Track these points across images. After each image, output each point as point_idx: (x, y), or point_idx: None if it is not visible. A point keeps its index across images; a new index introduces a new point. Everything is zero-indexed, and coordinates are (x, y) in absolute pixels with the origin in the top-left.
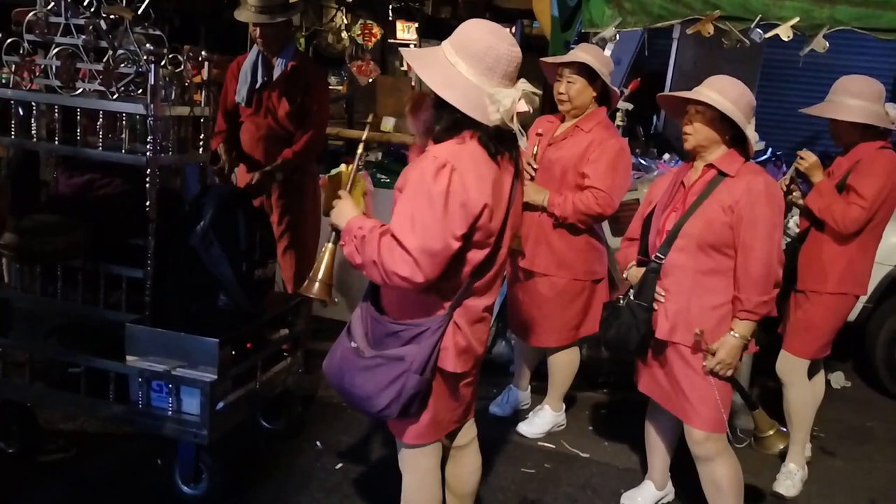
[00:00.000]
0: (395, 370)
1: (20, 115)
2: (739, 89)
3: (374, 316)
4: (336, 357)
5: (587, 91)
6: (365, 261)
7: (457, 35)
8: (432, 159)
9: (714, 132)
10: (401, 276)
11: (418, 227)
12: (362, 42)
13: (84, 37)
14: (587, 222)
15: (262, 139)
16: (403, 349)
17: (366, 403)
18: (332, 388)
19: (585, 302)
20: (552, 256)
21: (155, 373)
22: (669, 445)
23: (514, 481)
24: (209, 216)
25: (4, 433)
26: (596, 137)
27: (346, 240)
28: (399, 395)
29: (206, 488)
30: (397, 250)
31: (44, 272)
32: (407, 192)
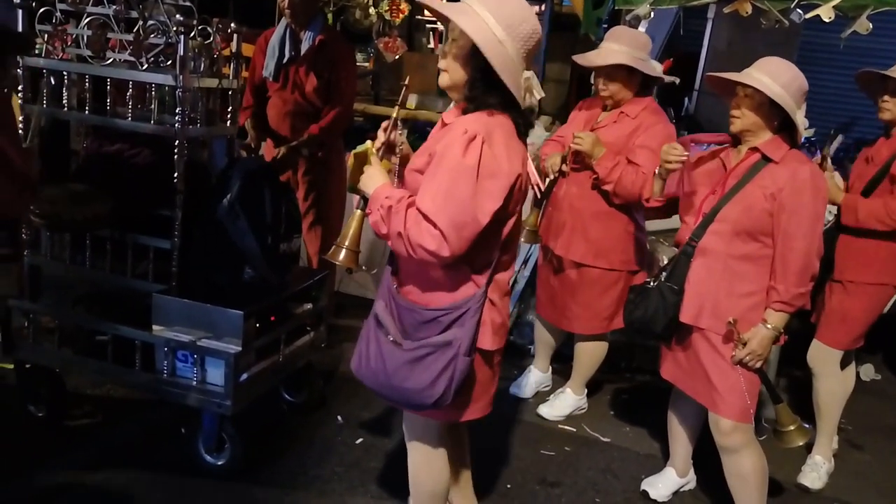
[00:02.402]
0: (445, 356)
1: (51, 84)
2: (792, 73)
3: (406, 305)
4: (371, 356)
5: (626, 89)
6: (391, 231)
7: (504, 10)
8: (462, 132)
9: (761, 118)
10: (427, 249)
11: (447, 201)
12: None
13: (115, 7)
14: (623, 197)
15: (289, 114)
16: (448, 333)
17: (420, 396)
18: (372, 388)
19: (620, 293)
20: (588, 245)
21: (180, 343)
22: (692, 433)
23: (534, 463)
24: (236, 189)
25: (34, 397)
26: (643, 122)
27: (372, 208)
28: (451, 380)
29: (227, 458)
30: (424, 224)
31: (73, 240)
32: (436, 165)
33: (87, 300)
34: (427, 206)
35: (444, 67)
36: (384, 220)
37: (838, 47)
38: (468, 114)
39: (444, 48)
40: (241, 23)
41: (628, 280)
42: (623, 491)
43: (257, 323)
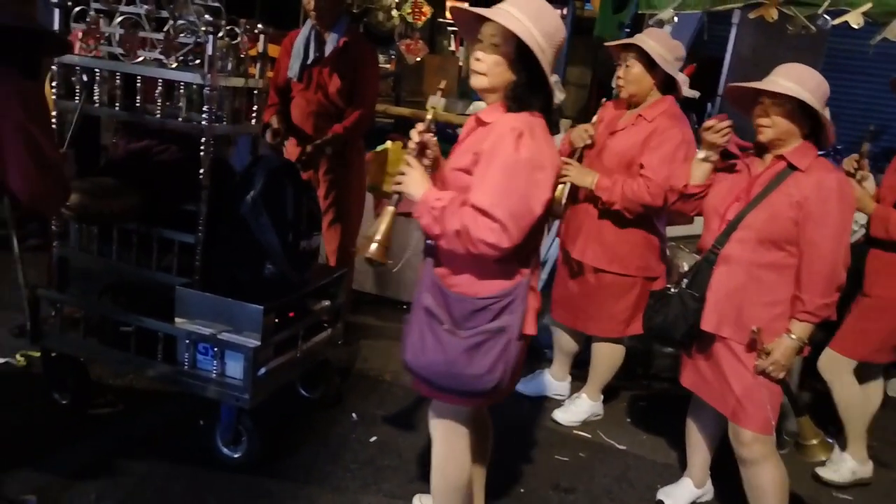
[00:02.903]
0: (500, 342)
1: (84, 80)
2: (817, 78)
3: (456, 296)
4: (428, 346)
5: (646, 78)
6: (446, 231)
7: (542, 18)
8: (511, 129)
9: (794, 125)
10: (487, 242)
11: (505, 194)
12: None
13: (147, 6)
14: (635, 210)
15: (312, 114)
16: (501, 320)
17: (481, 381)
18: (428, 379)
19: (636, 299)
20: (602, 250)
21: (202, 335)
22: (711, 443)
23: (548, 468)
24: (259, 186)
25: (59, 385)
26: (659, 126)
27: (421, 211)
28: (507, 365)
29: (244, 451)
30: (481, 219)
31: (101, 233)
32: (487, 162)
33: (112, 291)
34: (484, 201)
35: (482, 70)
36: (437, 220)
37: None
38: (511, 113)
39: (480, 53)
40: (267, 24)
41: (645, 286)
42: (638, 500)
43: (276, 318)
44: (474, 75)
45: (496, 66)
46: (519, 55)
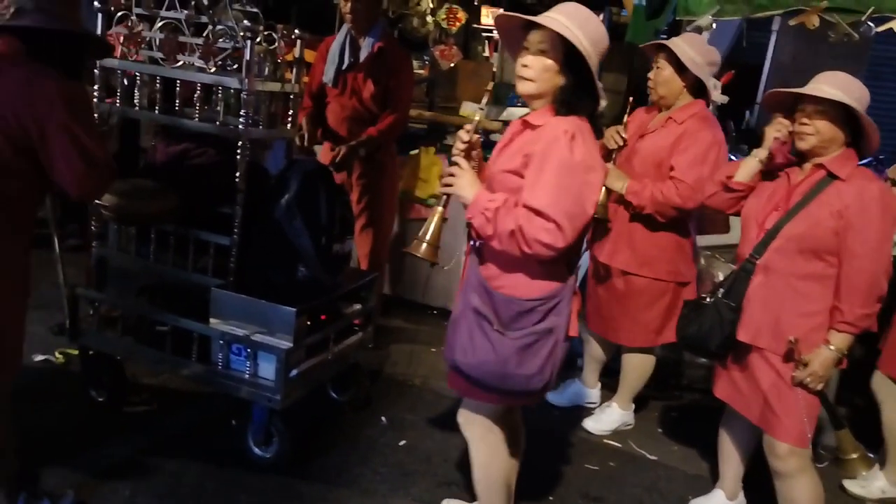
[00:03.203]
0: (548, 343)
1: (125, 84)
2: (860, 87)
3: (503, 298)
4: (478, 346)
5: (675, 81)
6: (500, 232)
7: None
8: (563, 132)
9: (839, 132)
10: (543, 242)
11: (560, 195)
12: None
13: (187, 11)
14: (666, 214)
15: (347, 120)
16: (548, 321)
17: (531, 381)
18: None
19: (668, 305)
20: (633, 253)
21: (235, 336)
22: (744, 455)
23: (577, 477)
24: (293, 190)
25: (96, 383)
26: (689, 129)
27: (473, 213)
28: (553, 367)
29: (275, 452)
30: (536, 219)
31: (139, 233)
32: (540, 164)
33: (149, 291)
34: (539, 202)
35: (530, 76)
36: (490, 221)
37: None
38: (560, 116)
39: (528, 59)
40: (303, 29)
41: (676, 293)
42: None
43: (309, 321)
44: (521, 81)
45: (544, 71)
46: (566, 60)
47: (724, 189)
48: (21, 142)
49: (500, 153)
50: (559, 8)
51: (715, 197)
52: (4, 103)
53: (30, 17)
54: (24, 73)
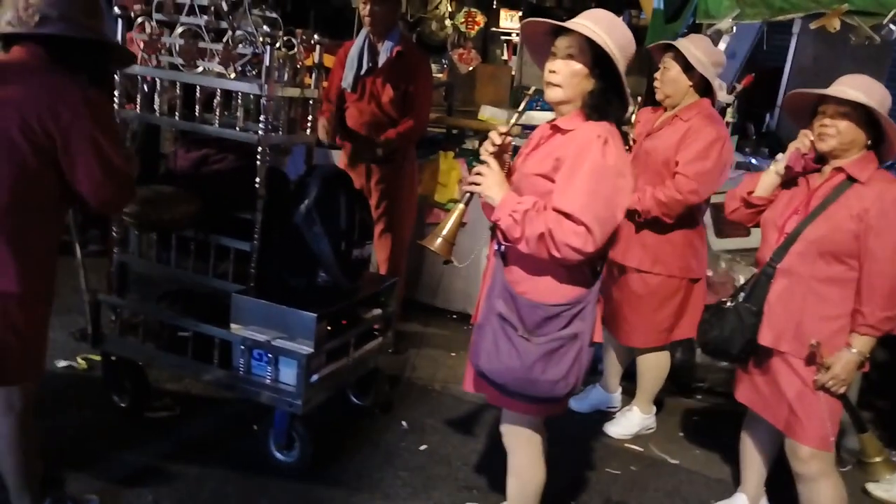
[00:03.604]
0: (574, 348)
1: (145, 90)
2: (882, 90)
3: (529, 303)
4: (503, 352)
5: (681, 79)
6: (528, 234)
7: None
8: (597, 136)
9: (862, 134)
10: (573, 246)
11: (592, 199)
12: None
13: (206, 17)
14: (672, 214)
15: (366, 125)
16: (573, 327)
17: (556, 387)
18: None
19: (680, 303)
20: (644, 251)
21: (256, 342)
22: (766, 459)
23: (599, 481)
24: (313, 196)
25: (118, 388)
26: (694, 125)
27: (500, 214)
28: (579, 372)
29: (296, 456)
30: (567, 223)
31: (159, 239)
32: (572, 168)
33: (170, 297)
34: (570, 205)
35: (558, 82)
36: (518, 224)
37: None
38: (591, 121)
39: (556, 64)
40: (322, 34)
41: (689, 289)
42: None
43: (329, 326)
44: (549, 87)
45: (573, 76)
46: (594, 65)
47: (745, 205)
48: (45, 150)
49: (527, 157)
50: (586, 14)
51: (737, 212)
52: (29, 111)
53: (53, 25)
54: (49, 81)
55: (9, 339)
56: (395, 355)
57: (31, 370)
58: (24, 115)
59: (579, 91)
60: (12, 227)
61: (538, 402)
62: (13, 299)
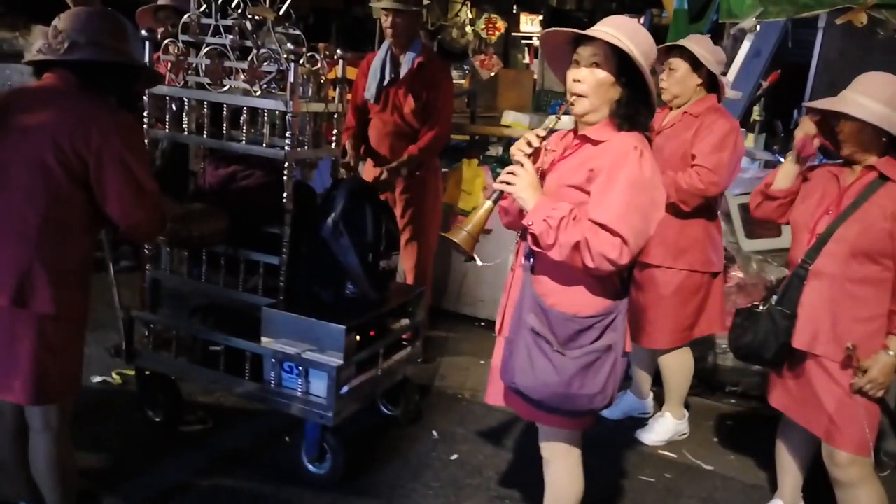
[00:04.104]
0: (609, 360)
1: (173, 110)
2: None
3: (561, 316)
4: (538, 367)
5: (690, 78)
6: (562, 242)
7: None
8: (633, 148)
9: (868, 139)
10: (608, 257)
11: (629, 211)
12: (486, 36)
13: (231, 37)
14: (690, 202)
15: (389, 135)
16: (607, 338)
17: (594, 400)
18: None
19: (702, 299)
20: (666, 247)
21: (287, 355)
22: (803, 464)
23: (632, 489)
24: (339, 209)
25: (152, 403)
26: (706, 119)
27: (534, 219)
28: (615, 384)
29: (328, 468)
30: (602, 233)
31: (190, 255)
32: (608, 179)
33: (201, 312)
34: (607, 216)
35: (583, 92)
36: (552, 230)
37: None
38: (623, 131)
39: (580, 73)
40: (345, 46)
41: (710, 285)
42: None
43: (358, 337)
44: (575, 100)
45: (599, 85)
46: (620, 73)
47: (766, 198)
48: (77, 173)
49: (555, 166)
50: (607, 21)
51: (761, 207)
52: (61, 136)
53: (82, 50)
54: (79, 105)
55: (46, 358)
56: (424, 364)
57: (68, 389)
58: (56, 139)
59: (606, 100)
60: (47, 250)
61: (575, 416)
62: (49, 320)
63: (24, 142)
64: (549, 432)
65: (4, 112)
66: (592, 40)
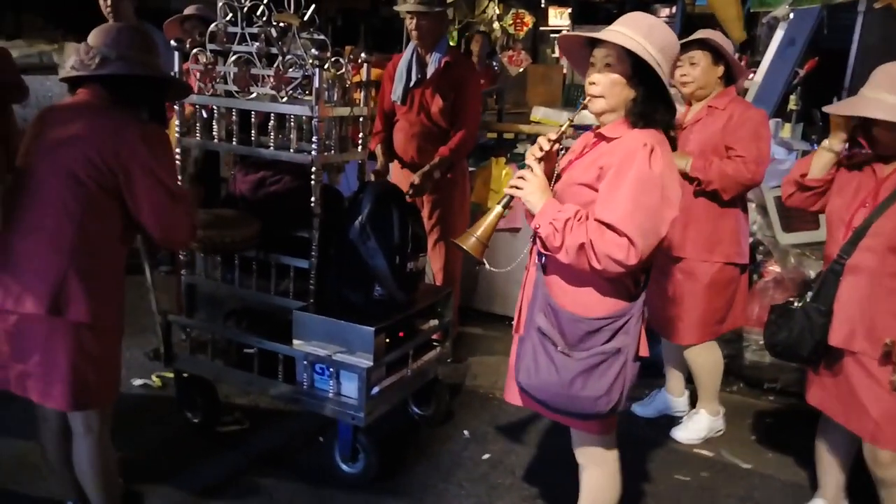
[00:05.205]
0: (617, 363)
1: (203, 118)
2: None
3: (570, 317)
4: (542, 368)
5: (712, 71)
6: (568, 244)
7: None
8: (643, 145)
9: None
10: (614, 258)
11: (636, 210)
12: (514, 32)
13: (257, 44)
14: (732, 190)
15: (416, 136)
16: (616, 341)
17: (597, 404)
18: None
19: (734, 292)
20: (702, 239)
21: (318, 357)
22: (844, 463)
23: (668, 488)
24: (366, 212)
25: (190, 405)
26: (734, 111)
27: (541, 222)
28: (623, 387)
29: (361, 468)
30: (608, 234)
31: (223, 260)
32: (616, 177)
33: (236, 315)
34: (612, 216)
35: (598, 93)
36: (558, 232)
37: None
38: (637, 129)
39: (595, 76)
40: (372, 48)
41: (739, 278)
42: None
43: (387, 338)
44: (591, 99)
45: (613, 86)
46: (634, 72)
47: (800, 188)
48: (109, 185)
49: (572, 165)
50: (622, 20)
51: (794, 197)
52: (92, 149)
53: (113, 65)
54: (109, 119)
55: (84, 366)
56: (455, 363)
57: (107, 394)
58: (87, 153)
59: (622, 100)
60: (81, 260)
61: (584, 418)
62: (85, 328)
63: (58, 156)
64: (579, 437)
65: (40, 129)
66: (605, 42)
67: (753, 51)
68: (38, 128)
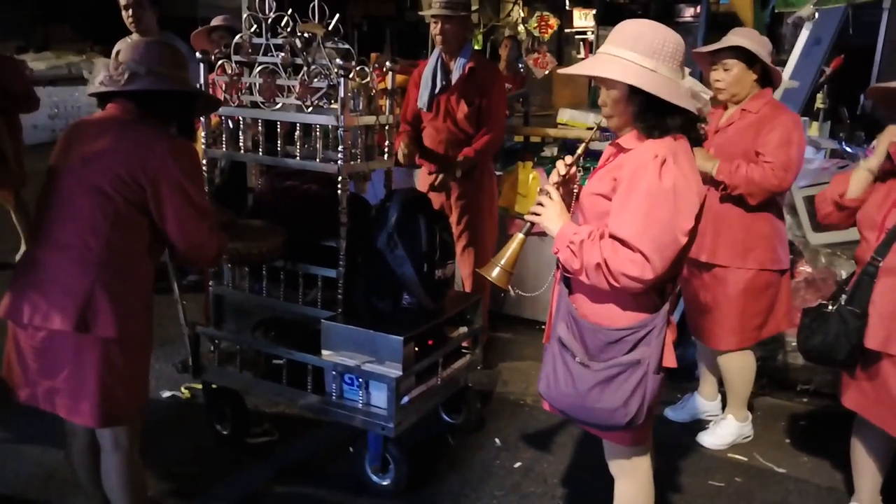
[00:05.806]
0: (635, 375)
1: (230, 129)
2: None
3: (590, 327)
4: (560, 378)
5: (747, 75)
6: (586, 265)
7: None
8: (653, 157)
9: None
10: (630, 276)
11: (649, 224)
12: (539, 35)
13: (282, 55)
14: (757, 195)
15: (443, 143)
16: (637, 352)
17: (614, 416)
18: (563, 410)
19: (772, 297)
20: (735, 245)
21: (347, 367)
22: (881, 466)
23: (702, 494)
24: (393, 220)
25: (219, 416)
26: (767, 115)
27: (559, 246)
28: (643, 399)
29: (392, 478)
30: (622, 250)
31: (251, 271)
32: (628, 191)
33: (264, 326)
34: (625, 231)
35: (608, 114)
36: (576, 254)
37: None
38: (652, 139)
39: (601, 96)
40: (398, 53)
41: (779, 282)
42: None
43: (416, 347)
44: (605, 119)
45: (616, 104)
46: (631, 90)
47: (837, 208)
48: (136, 200)
49: (593, 175)
50: (609, 37)
51: (832, 216)
52: (119, 164)
53: (141, 80)
54: (137, 134)
55: (112, 381)
56: (486, 370)
57: (135, 410)
58: (115, 168)
59: (629, 115)
60: (108, 275)
61: (604, 429)
62: (113, 343)
63: (85, 172)
64: (609, 448)
65: (68, 145)
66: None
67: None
68: (66, 143)
